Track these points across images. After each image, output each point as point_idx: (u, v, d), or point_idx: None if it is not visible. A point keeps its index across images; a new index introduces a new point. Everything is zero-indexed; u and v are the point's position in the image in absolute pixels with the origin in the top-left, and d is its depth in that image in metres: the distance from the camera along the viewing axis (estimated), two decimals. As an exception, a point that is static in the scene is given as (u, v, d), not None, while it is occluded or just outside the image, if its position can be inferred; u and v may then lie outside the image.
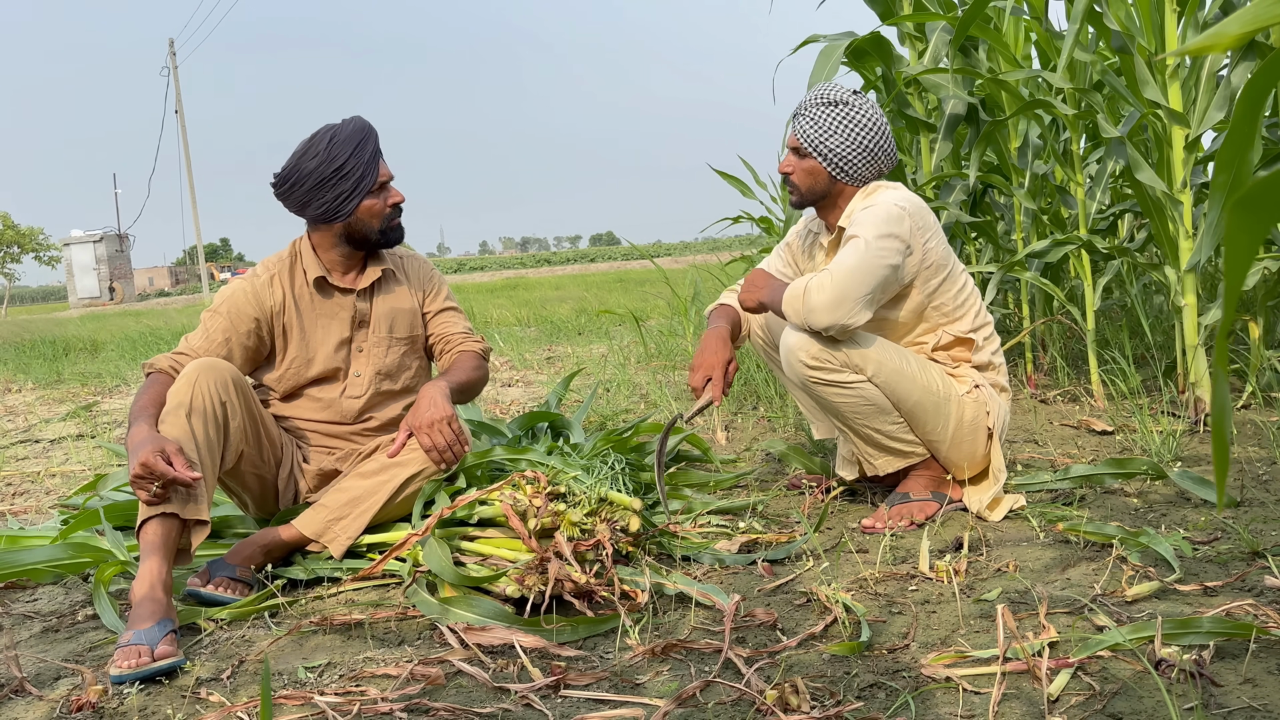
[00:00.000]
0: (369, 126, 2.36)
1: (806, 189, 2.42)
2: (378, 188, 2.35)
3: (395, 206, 2.39)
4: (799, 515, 2.44)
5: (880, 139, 2.36)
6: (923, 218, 2.31)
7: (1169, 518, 2.24)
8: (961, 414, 2.33)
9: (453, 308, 2.60)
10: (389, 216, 2.38)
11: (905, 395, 2.27)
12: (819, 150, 2.36)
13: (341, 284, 2.42)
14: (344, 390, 2.44)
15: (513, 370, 6.24)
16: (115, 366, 8.20)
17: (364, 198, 2.32)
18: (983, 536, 2.20)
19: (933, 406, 2.30)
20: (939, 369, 2.36)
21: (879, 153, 2.37)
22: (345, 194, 2.29)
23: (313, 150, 2.28)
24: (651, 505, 2.53)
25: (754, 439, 3.55)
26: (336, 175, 2.28)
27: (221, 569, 2.17)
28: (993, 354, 2.44)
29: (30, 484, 3.72)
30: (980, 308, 2.45)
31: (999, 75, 3.47)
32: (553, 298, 14.38)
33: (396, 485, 2.26)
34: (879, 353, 2.27)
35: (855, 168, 2.36)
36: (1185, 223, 3.07)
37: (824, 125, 2.35)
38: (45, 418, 5.53)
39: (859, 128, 2.34)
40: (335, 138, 2.28)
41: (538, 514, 1.95)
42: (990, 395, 2.38)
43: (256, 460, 2.32)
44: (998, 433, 2.38)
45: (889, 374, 2.26)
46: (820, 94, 2.38)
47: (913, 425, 2.32)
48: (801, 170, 2.40)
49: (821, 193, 2.41)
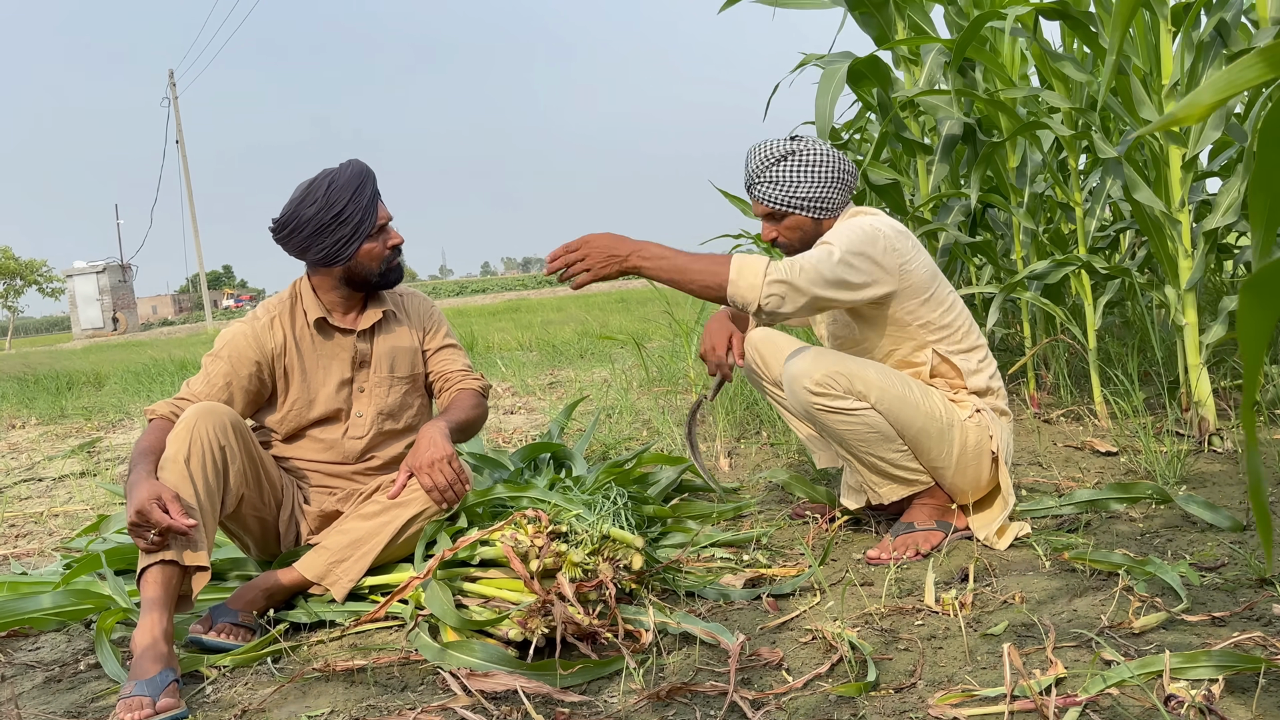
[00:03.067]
0: (367, 170, 2.37)
1: (798, 242, 2.44)
2: (377, 230, 2.35)
3: (394, 248, 2.40)
4: (803, 546, 2.43)
5: (838, 164, 2.41)
6: (900, 240, 2.32)
7: (1175, 543, 2.23)
8: (965, 439, 2.32)
9: (452, 345, 2.60)
10: (388, 258, 2.39)
11: (908, 422, 2.27)
12: (792, 204, 2.39)
13: (342, 324, 2.43)
14: (346, 431, 2.44)
15: (515, 397, 6.24)
16: (119, 400, 8.21)
17: (363, 242, 2.33)
18: (988, 566, 2.18)
19: (936, 433, 2.29)
20: (941, 395, 2.35)
21: (844, 176, 2.41)
22: (345, 239, 2.30)
23: (311, 197, 2.29)
24: (655, 540, 2.52)
25: (757, 465, 3.54)
26: (335, 221, 2.28)
27: (224, 614, 2.15)
28: (990, 378, 2.44)
29: (33, 525, 3.71)
30: (971, 329, 2.45)
31: (997, 95, 3.48)
32: (554, 320, 14.39)
33: (398, 526, 2.25)
34: (881, 379, 2.26)
35: (831, 200, 2.40)
36: (1184, 242, 3.07)
37: (786, 180, 2.38)
38: (49, 454, 5.53)
39: (817, 166, 2.38)
40: (333, 184, 2.29)
41: (539, 555, 1.94)
42: (992, 420, 2.37)
43: (257, 503, 2.31)
44: (1003, 457, 2.37)
45: (892, 400, 2.25)
46: (766, 155, 2.41)
47: (916, 452, 2.31)
48: (785, 230, 2.44)
49: (813, 237, 2.42)
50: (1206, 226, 3.03)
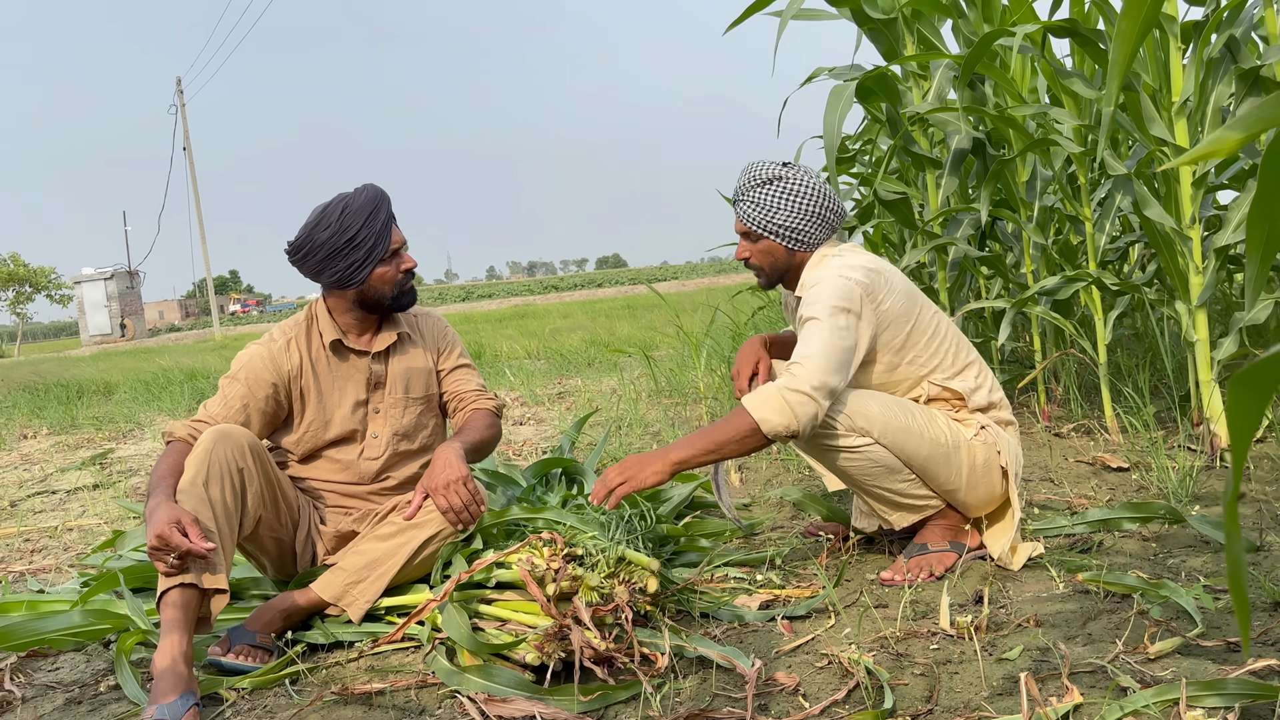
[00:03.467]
0: (381, 194, 2.38)
1: (769, 267, 2.45)
2: (390, 255, 2.37)
3: (407, 272, 2.41)
4: (817, 566, 2.44)
5: (823, 200, 2.39)
6: (874, 280, 2.29)
7: (1188, 564, 2.23)
8: (974, 459, 2.32)
9: (466, 365, 2.62)
10: (401, 282, 2.41)
11: (914, 451, 2.27)
12: (768, 229, 2.39)
13: (357, 346, 2.45)
14: (362, 452, 2.46)
15: (524, 407, 6.25)
16: (129, 409, 8.25)
17: (376, 266, 2.34)
18: (1002, 588, 2.19)
19: (943, 458, 2.30)
20: (944, 416, 2.36)
21: (825, 214, 2.39)
22: (358, 263, 2.32)
23: (325, 221, 2.31)
24: (668, 559, 2.53)
25: (768, 480, 3.55)
26: (349, 245, 2.30)
27: (242, 636, 2.17)
28: (990, 392, 2.42)
29: (48, 539, 3.73)
30: (960, 346, 2.43)
31: (1006, 111, 3.49)
32: (562, 327, 14.41)
33: (414, 548, 2.26)
34: (883, 412, 2.26)
35: (808, 234, 2.39)
36: (1195, 258, 3.07)
37: (766, 204, 2.38)
38: (61, 466, 5.56)
39: (799, 197, 2.37)
40: (347, 209, 2.30)
41: (555, 579, 1.95)
42: (998, 434, 2.38)
43: (274, 524, 2.33)
44: (1012, 470, 2.37)
45: (895, 433, 2.25)
46: (754, 175, 2.41)
47: (926, 479, 2.31)
48: (758, 252, 2.44)
49: (784, 267, 2.44)
50: (1217, 243, 3.03)
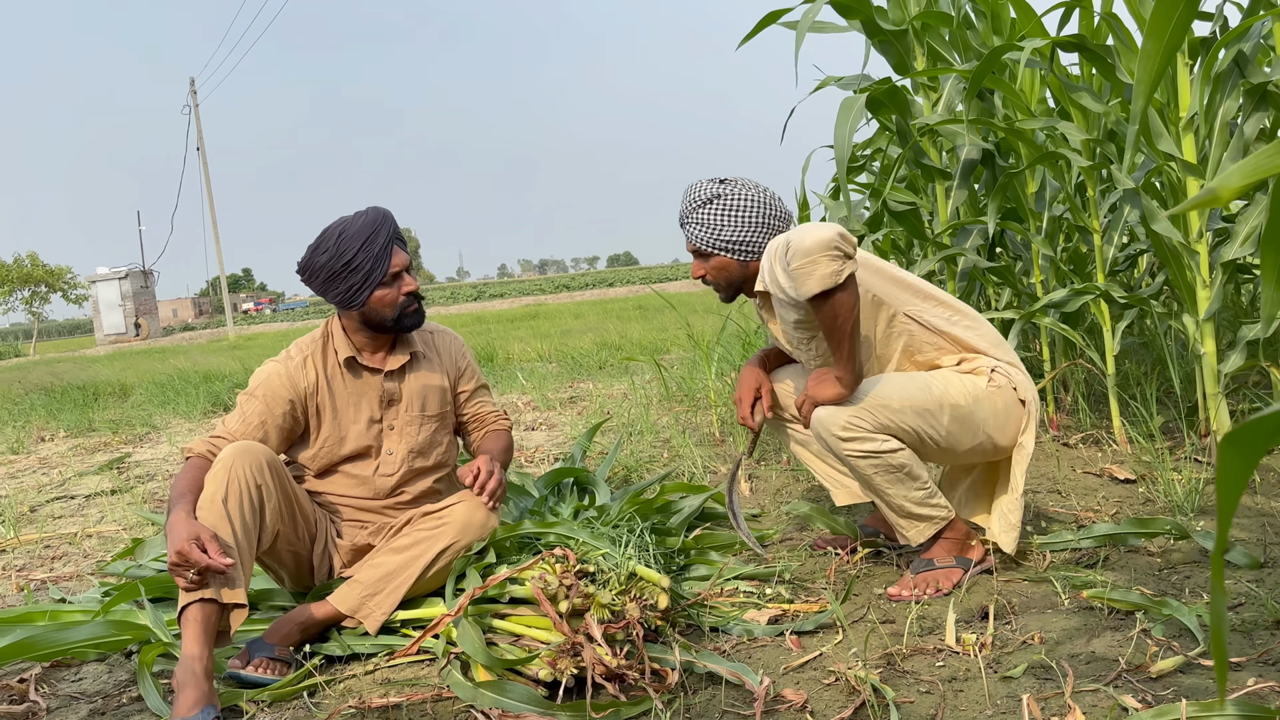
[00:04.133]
0: (381, 219, 2.43)
1: (725, 282, 2.51)
2: (390, 278, 2.41)
3: (410, 295, 2.45)
4: (825, 580, 2.47)
5: (766, 210, 2.44)
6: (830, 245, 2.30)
7: (1193, 580, 2.26)
8: (994, 407, 2.36)
9: (483, 386, 2.73)
10: (403, 305, 2.45)
11: (937, 425, 2.31)
12: (716, 246, 2.45)
13: (371, 364, 2.49)
14: (377, 468, 2.50)
15: (536, 411, 6.29)
16: (145, 412, 8.32)
17: (375, 289, 2.39)
18: (1008, 604, 2.22)
19: (966, 416, 2.33)
20: (957, 376, 2.38)
21: (770, 221, 2.44)
22: (356, 286, 2.37)
23: (323, 245, 2.36)
24: (678, 572, 2.57)
25: (778, 490, 3.58)
26: (346, 269, 2.35)
27: (260, 649, 2.22)
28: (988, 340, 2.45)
29: (68, 546, 3.79)
30: (941, 296, 2.45)
31: (1015, 124, 3.51)
32: (574, 328, 14.46)
33: (429, 559, 2.31)
34: (901, 395, 2.30)
35: (756, 244, 2.44)
36: (1203, 272, 3.09)
37: (711, 223, 2.44)
38: (79, 470, 5.62)
39: (741, 211, 2.42)
40: (344, 233, 2.35)
41: (568, 596, 1.99)
42: (1009, 372, 2.40)
43: (292, 538, 2.37)
44: (1031, 411, 2.39)
45: (915, 416, 2.29)
46: (695, 196, 2.47)
47: (956, 445, 2.35)
48: (712, 269, 2.50)
49: (739, 279, 2.50)
50: (1224, 257, 3.05)
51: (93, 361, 18.94)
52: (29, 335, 71.68)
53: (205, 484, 2.17)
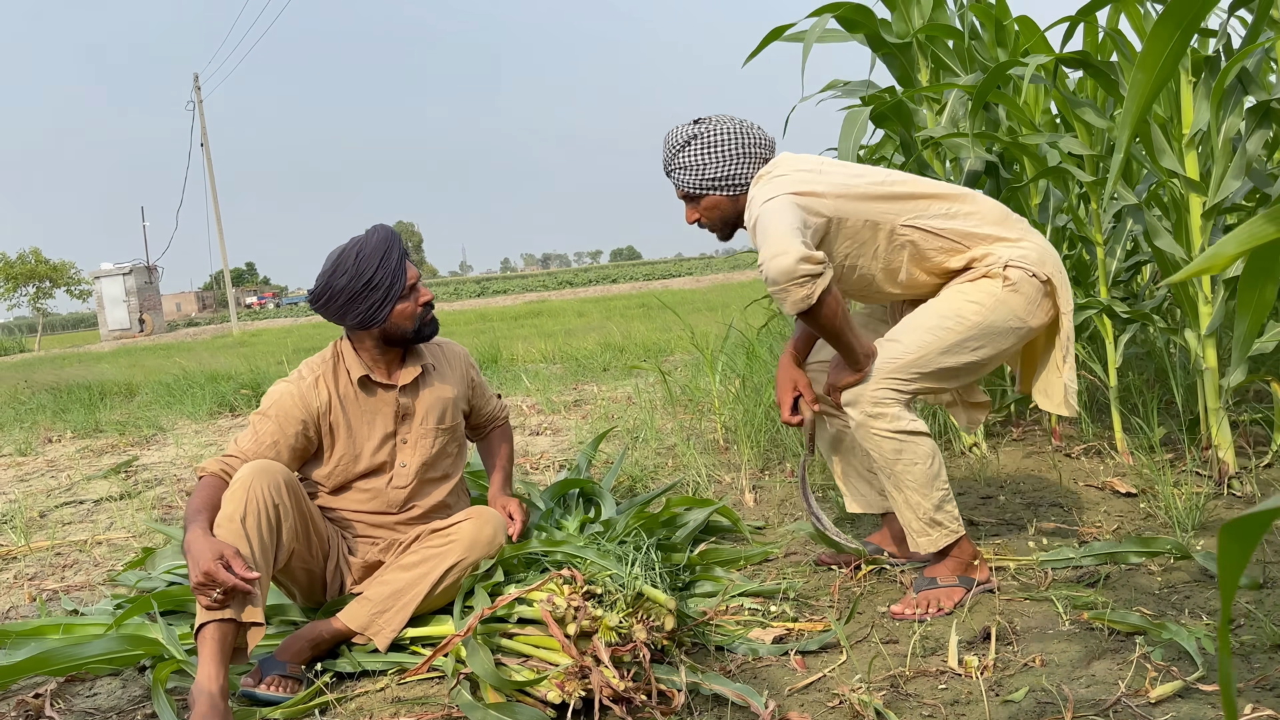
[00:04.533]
0: (392, 234, 2.48)
1: (719, 220, 2.52)
2: (408, 291, 2.46)
3: (426, 305, 2.50)
4: (829, 598, 2.50)
5: (744, 140, 2.44)
6: (794, 174, 2.34)
7: (1192, 600, 2.28)
8: (1017, 305, 2.37)
9: (483, 385, 2.86)
10: (421, 315, 2.51)
11: (966, 353, 2.35)
12: (704, 185, 2.46)
13: (384, 381, 2.53)
14: (390, 480, 2.54)
15: (540, 415, 6.33)
16: (151, 413, 8.36)
17: (396, 303, 2.43)
18: (1010, 625, 2.25)
19: (992, 329, 2.36)
20: (967, 293, 2.39)
21: (751, 150, 2.44)
22: (378, 303, 2.41)
23: (341, 268, 2.39)
24: (684, 588, 2.60)
25: (782, 500, 3.61)
26: (367, 288, 2.39)
27: (273, 666, 2.25)
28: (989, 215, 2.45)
29: (78, 553, 3.83)
30: (932, 186, 2.44)
31: (1019, 139, 3.53)
32: (577, 327, 14.49)
33: (437, 576, 2.35)
34: (918, 344, 2.34)
35: (742, 176, 2.45)
36: (1205, 288, 3.11)
37: (692, 164, 2.45)
38: (87, 474, 5.66)
39: (721, 145, 2.43)
40: (361, 253, 2.39)
41: (576, 618, 2.02)
42: (1022, 256, 2.39)
43: (306, 557, 2.41)
44: (1055, 276, 2.41)
45: (941, 356, 2.34)
46: (672, 142, 2.48)
47: (996, 355, 2.39)
48: (703, 210, 2.51)
49: (732, 214, 2.50)
50: (1227, 274, 3.07)
51: (98, 359, 18.99)
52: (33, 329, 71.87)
53: (224, 502, 2.20)
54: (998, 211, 2.48)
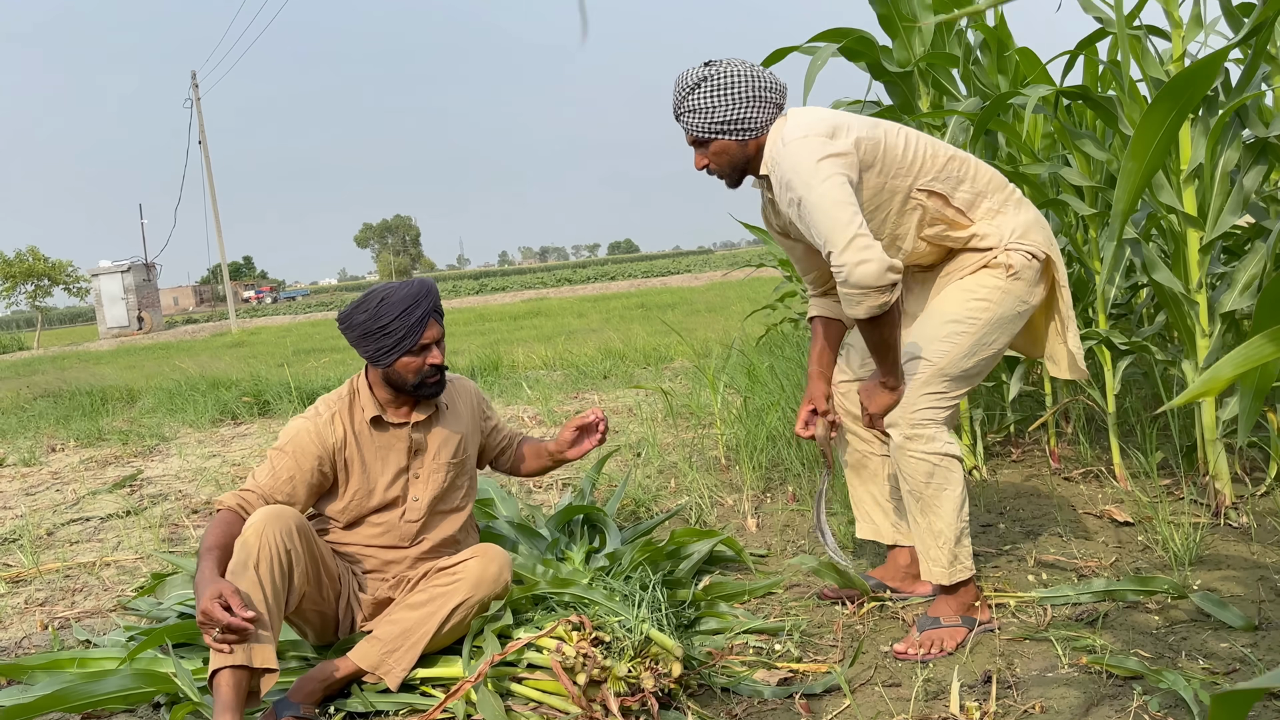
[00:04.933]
0: (423, 293, 2.52)
1: (728, 166, 2.48)
2: (419, 348, 2.50)
3: (433, 367, 2.53)
4: (832, 636, 2.54)
5: (756, 82, 2.41)
6: (828, 122, 2.35)
7: (1189, 642, 2.33)
8: (1020, 291, 2.44)
9: (495, 420, 2.93)
10: (425, 374, 2.53)
11: (986, 347, 2.43)
12: (713, 129, 2.43)
13: (395, 420, 2.57)
14: (403, 514, 2.59)
15: (541, 427, 6.37)
16: (154, 420, 8.40)
17: (403, 355, 2.48)
18: (1010, 668, 2.29)
19: (1003, 318, 2.43)
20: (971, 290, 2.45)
21: (763, 94, 2.41)
22: (386, 349, 2.46)
23: (365, 305, 2.47)
24: (689, 625, 2.64)
25: (785, 525, 3.65)
26: (380, 332, 2.45)
27: (286, 708, 2.29)
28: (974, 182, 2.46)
29: (87, 576, 3.87)
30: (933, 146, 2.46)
31: (1019, 168, 3.56)
32: (577, 329, 14.53)
33: (444, 614, 2.40)
34: (939, 353, 2.41)
35: (752, 120, 2.41)
36: (1202, 321, 3.15)
37: (703, 107, 2.41)
38: (92, 488, 5.70)
39: (730, 88, 2.39)
40: (386, 300, 2.45)
41: (585, 667, 2.06)
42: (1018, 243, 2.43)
43: (317, 598, 2.45)
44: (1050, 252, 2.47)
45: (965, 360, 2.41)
46: (683, 85, 2.45)
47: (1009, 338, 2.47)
48: (712, 155, 2.48)
49: (741, 161, 2.47)
50: (1223, 308, 3.11)
51: (98, 359, 19.02)
52: (30, 323, 71.73)
53: (236, 549, 2.24)
54: (997, 178, 2.52)
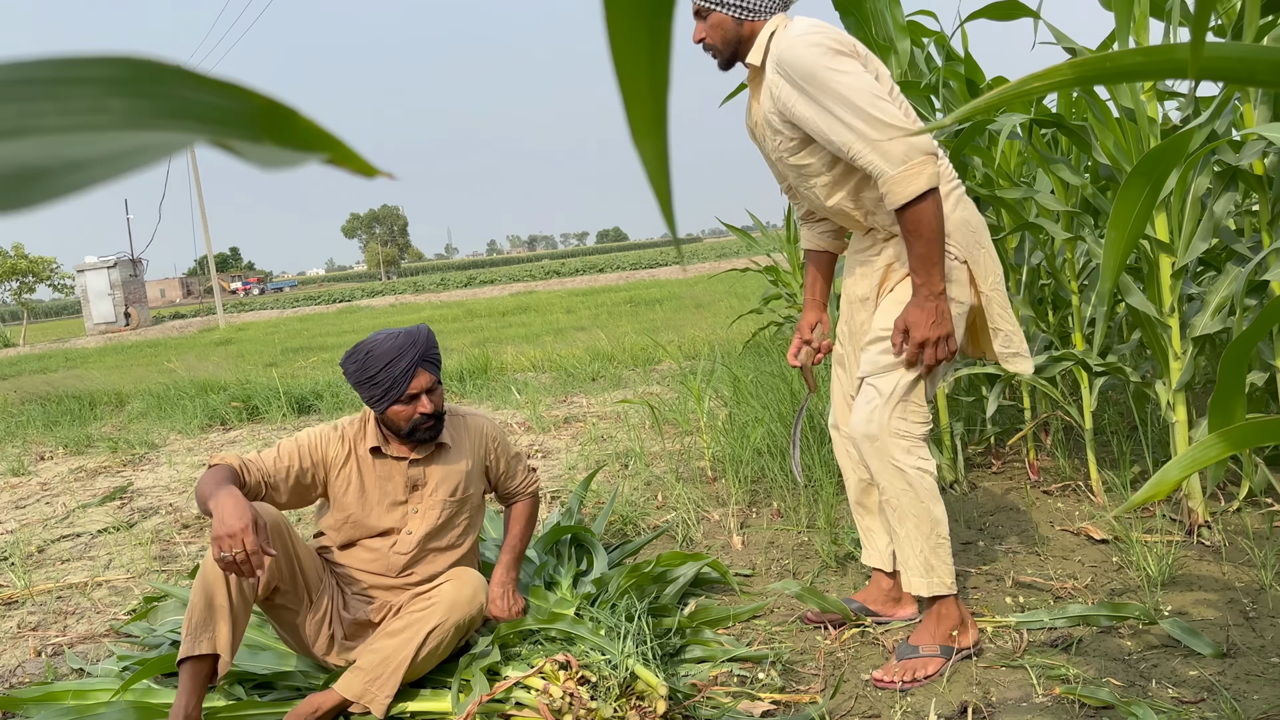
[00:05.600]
0: (410, 343, 2.55)
1: (721, 43, 2.55)
2: (407, 398, 2.54)
3: (425, 414, 2.58)
4: (814, 663, 2.60)
5: None
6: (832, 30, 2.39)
7: (1160, 669, 2.39)
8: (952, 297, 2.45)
9: (514, 457, 2.91)
10: (417, 422, 2.58)
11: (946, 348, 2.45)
12: (713, 1, 2.50)
13: (395, 454, 2.63)
14: (394, 545, 2.64)
15: (531, 434, 6.41)
16: (142, 425, 8.41)
17: (392, 404, 2.53)
18: (986, 695, 2.35)
19: None
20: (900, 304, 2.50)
21: None
22: (375, 398, 2.53)
23: (354, 356, 2.52)
24: (674, 654, 2.69)
25: (770, 542, 3.71)
26: (368, 382, 2.51)
27: (279, 743, 2.35)
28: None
29: (80, 597, 3.90)
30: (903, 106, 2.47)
31: (995, 192, 3.62)
32: (565, 326, 14.57)
33: (421, 638, 2.47)
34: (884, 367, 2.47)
35: (752, 2, 2.48)
36: (1175, 345, 3.22)
37: None
38: (81, 500, 5.72)
39: None
40: (372, 353, 2.50)
41: (572, 708, 2.12)
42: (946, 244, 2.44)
43: (291, 596, 2.53)
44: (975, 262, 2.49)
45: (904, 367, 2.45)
46: None
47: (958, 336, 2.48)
48: (709, 28, 2.55)
49: (734, 40, 2.53)
50: (1195, 332, 3.17)
51: (85, 358, 18.97)
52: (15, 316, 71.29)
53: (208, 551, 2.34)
54: (948, 169, 2.53)
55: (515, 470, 2.92)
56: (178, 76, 0.39)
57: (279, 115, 0.41)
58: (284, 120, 0.41)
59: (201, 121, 0.38)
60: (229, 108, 0.40)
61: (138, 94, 0.37)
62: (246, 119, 0.40)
